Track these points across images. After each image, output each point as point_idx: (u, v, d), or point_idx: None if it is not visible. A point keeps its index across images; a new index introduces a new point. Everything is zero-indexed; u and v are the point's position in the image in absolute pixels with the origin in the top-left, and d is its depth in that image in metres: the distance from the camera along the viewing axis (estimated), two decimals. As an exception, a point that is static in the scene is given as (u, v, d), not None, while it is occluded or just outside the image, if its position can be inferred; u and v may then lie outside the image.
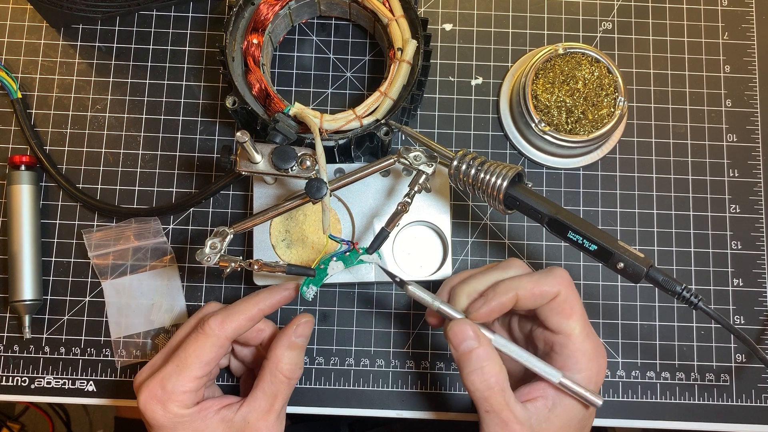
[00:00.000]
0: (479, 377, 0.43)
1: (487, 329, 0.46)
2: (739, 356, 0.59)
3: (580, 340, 0.44)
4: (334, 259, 0.52)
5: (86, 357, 0.58)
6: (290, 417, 0.85)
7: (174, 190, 0.60)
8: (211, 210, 0.60)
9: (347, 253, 0.52)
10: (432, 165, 0.50)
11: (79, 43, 0.63)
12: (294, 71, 0.62)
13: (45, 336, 0.58)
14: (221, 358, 0.48)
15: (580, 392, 0.44)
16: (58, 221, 0.60)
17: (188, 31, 0.63)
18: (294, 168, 0.50)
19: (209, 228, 0.60)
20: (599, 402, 0.44)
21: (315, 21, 0.63)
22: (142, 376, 0.48)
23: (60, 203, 0.60)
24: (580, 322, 0.45)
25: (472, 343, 0.44)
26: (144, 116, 0.61)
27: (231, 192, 0.60)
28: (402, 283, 0.47)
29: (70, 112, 0.61)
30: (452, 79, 0.62)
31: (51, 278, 0.59)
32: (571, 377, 0.44)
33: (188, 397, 0.46)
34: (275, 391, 0.48)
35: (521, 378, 0.49)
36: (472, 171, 0.49)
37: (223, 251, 0.49)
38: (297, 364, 0.49)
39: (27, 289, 0.57)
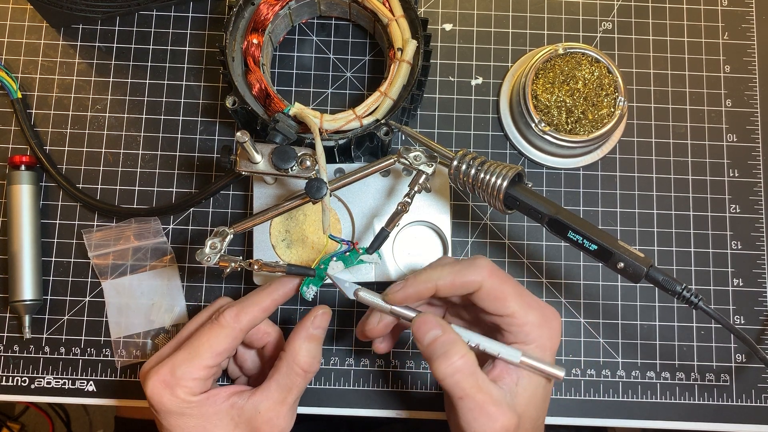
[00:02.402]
0: (444, 362, 0.42)
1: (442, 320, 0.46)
2: (739, 356, 0.59)
3: (522, 315, 0.44)
4: (334, 259, 0.52)
5: (86, 357, 0.58)
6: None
7: (174, 190, 0.60)
8: (211, 210, 0.60)
9: (347, 253, 0.52)
10: (432, 165, 0.50)
11: (79, 43, 0.63)
12: (294, 71, 0.62)
13: (45, 336, 0.58)
14: (233, 350, 0.48)
15: (542, 368, 0.44)
16: (58, 221, 0.60)
17: (188, 31, 0.63)
18: (294, 168, 0.50)
19: (209, 228, 0.60)
20: (561, 374, 0.44)
21: (315, 21, 0.63)
22: (149, 364, 0.48)
23: (60, 203, 0.60)
24: (516, 299, 0.45)
25: (437, 332, 0.44)
26: (144, 116, 0.61)
27: (231, 192, 0.60)
28: (353, 291, 0.47)
29: (70, 112, 0.61)
30: (452, 79, 0.62)
31: (51, 278, 0.59)
32: (529, 354, 0.44)
33: (197, 384, 0.46)
34: (290, 384, 0.47)
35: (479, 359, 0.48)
36: (472, 171, 0.49)
37: (223, 251, 0.49)
38: (315, 356, 0.48)
39: (27, 289, 0.57)
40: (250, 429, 0.47)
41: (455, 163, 0.50)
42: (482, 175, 0.49)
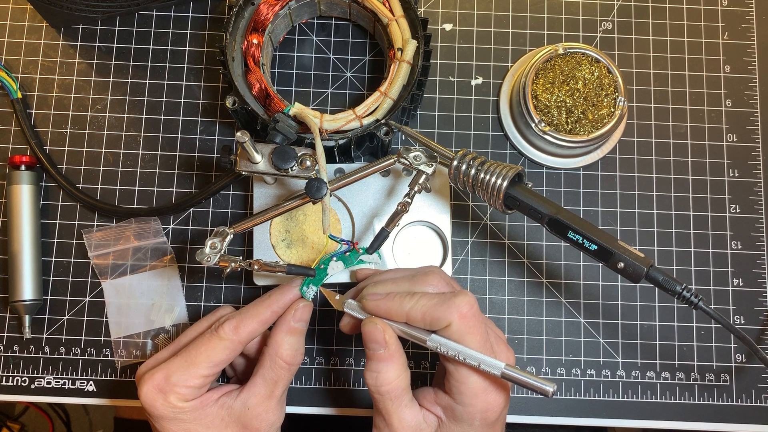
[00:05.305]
0: (373, 381, 0.44)
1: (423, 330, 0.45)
2: (739, 356, 0.59)
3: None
4: (334, 259, 0.52)
5: (86, 357, 0.58)
6: (290, 417, 0.85)
7: (174, 190, 0.60)
8: (211, 210, 0.60)
9: (347, 253, 0.52)
10: (432, 165, 0.50)
11: (79, 43, 0.63)
12: (294, 71, 0.62)
13: (45, 336, 0.58)
14: (230, 360, 0.48)
15: (528, 381, 0.41)
16: (58, 221, 0.60)
17: (188, 31, 0.63)
18: (294, 168, 0.50)
19: (209, 228, 0.60)
20: (550, 388, 0.41)
21: (315, 21, 0.63)
22: (146, 367, 0.48)
23: (60, 203, 0.60)
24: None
25: (376, 347, 0.44)
26: (144, 116, 0.61)
27: (231, 192, 0.60)
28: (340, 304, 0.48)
29: (70, 112, 0.61)
30: (452, 79, 0.62)
31: (51, 278, 0.59)
32: (513, 368, 0.42)
33: (190, 391, 0.46)
34: (275, 378, 0.48)
35: None
36: (472, 171, 0.49)
37: (223, 251, 0.49)
38: (297, 349, 0.48)
39: (27, 289, 0.57)
40: (241, 426, 0.47)
41: (455, 163, 0.50)
42: (482, 175, 0.49)
